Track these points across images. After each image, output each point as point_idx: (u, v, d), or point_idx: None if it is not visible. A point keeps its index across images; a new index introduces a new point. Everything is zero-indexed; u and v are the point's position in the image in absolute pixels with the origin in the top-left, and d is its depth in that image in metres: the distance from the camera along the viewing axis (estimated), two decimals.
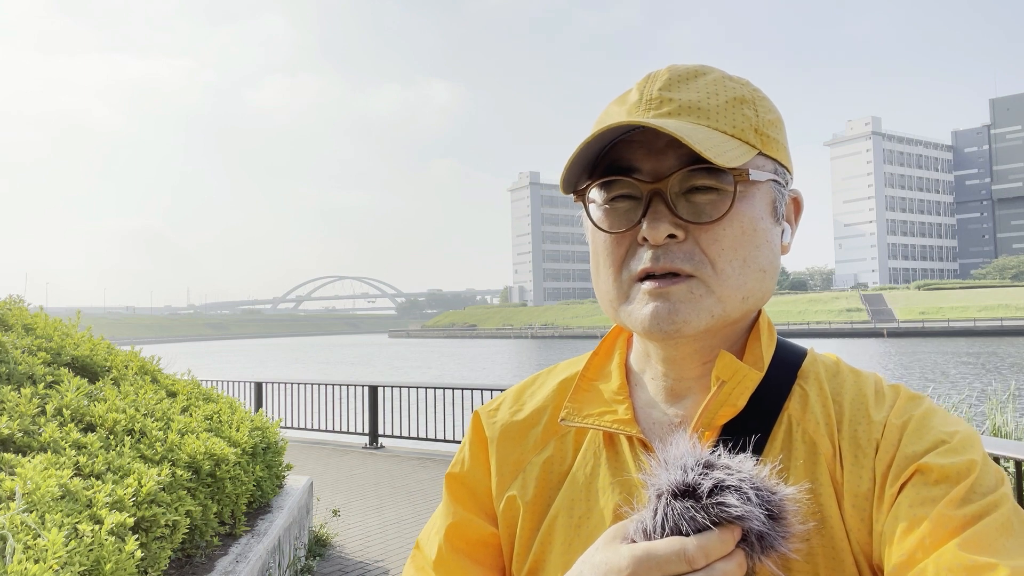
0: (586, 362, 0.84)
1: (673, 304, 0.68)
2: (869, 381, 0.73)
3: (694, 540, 0.56)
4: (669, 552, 0.55)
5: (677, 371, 0.76)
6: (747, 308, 0.72)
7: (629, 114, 0.71)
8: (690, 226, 0.69)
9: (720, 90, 0.71)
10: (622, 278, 0.72)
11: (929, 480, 0.61)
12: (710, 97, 0.70)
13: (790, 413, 0.72)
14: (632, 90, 0.73)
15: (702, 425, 0.71)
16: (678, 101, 0.70)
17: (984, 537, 0.56)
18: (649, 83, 0.72)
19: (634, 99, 0.72)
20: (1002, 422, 6.63)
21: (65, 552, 2.11)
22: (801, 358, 0.76)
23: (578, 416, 0.78)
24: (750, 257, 0.70)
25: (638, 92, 0.72)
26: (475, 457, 0.85)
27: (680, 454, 0.60)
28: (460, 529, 0.81)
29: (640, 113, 0.70)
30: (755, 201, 0.71)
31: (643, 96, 0.71)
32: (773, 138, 0.73)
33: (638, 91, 0.72)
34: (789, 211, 0.78)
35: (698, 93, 0.70)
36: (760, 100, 0.73)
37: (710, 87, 0.71)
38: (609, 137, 0.69)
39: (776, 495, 0.59)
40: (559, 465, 0.79)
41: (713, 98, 0.70)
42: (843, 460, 0.67)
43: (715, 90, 0.71)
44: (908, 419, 0.67)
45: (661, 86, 0.71)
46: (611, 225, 0.72)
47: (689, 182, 0.69)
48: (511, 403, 0.86)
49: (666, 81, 0.71)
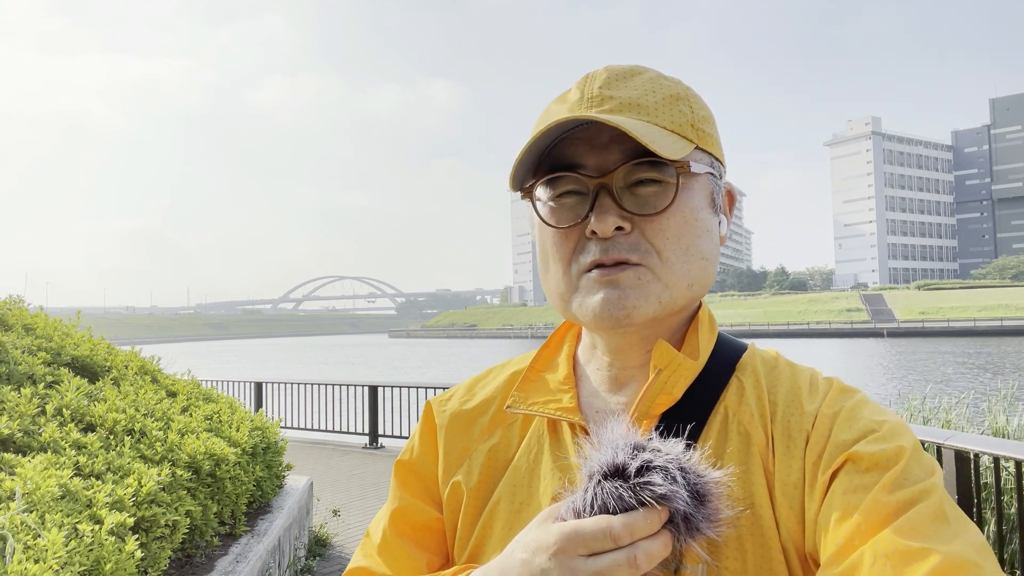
0: (536, 354, 0.87)
1: (623, 291, 0.70)
2: (805, 374, 0.75)
3: (620, 518, 0.57)
4: (595, 530, 0.57)
5: (622, 360, 0.78)
6: (692, 295, 0.75)
7: (571, 112, 0.72)
8: (636, 218, 0.71)
9: (657, 88, 0.74)
10: (571, 272, 0.74)
11: (860, 468, 0.63)
12: (648, 95, 0.73)
13: (726, 404, 0.74)
14: (572, 89, 0.75)
15: (640, 413, 0.73)
16: (618, 98, 0.72)
17: (918, 523, 0.58)
18: (589, 82, 0.74)
19: (575, 98, 0.74)
20: (1002, 422, 6.62)
21: (65, 552, 2.11)
22: (741, 352, 0.79)
23: (523, 404, 0.80)
24: (693, 246, 0.73)
25: (578, 91, 0.74)
26: (424, 445, 0.87)
27: (613, 437, 0.62)
28: (405, 515, 0.84)
29: (582, 111, 0.72)
30: (695, 193, 0.74)
31: (584, 95, 0.73)
32: (708, 133, 0.76)
33: (578, 90, 0.74)
34: (724, 203, 0.80)
35: (636, 91, 0.73)
36: (694, 98, 0.76)
37: (647, 85, 0.74)
38: (553, 135, 0.71)
39: (703, 478, 0.60)
40: (504, 452, 0.81)
41: (651, 95, 0.73)
42: (775, 450, 0.69)
43: (652, 88, 0.73)
44: (839, 410, 0.69)
45: (601, 84, 0.73)
46: (559, 220, 0.74)
47: (633, 176, 0.71)
48: (463, 393, 0.89)
49: (605, 80, 0.73)
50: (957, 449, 4.03)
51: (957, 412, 7.04)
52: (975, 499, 4.01)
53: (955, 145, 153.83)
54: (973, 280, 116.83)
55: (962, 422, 6.90)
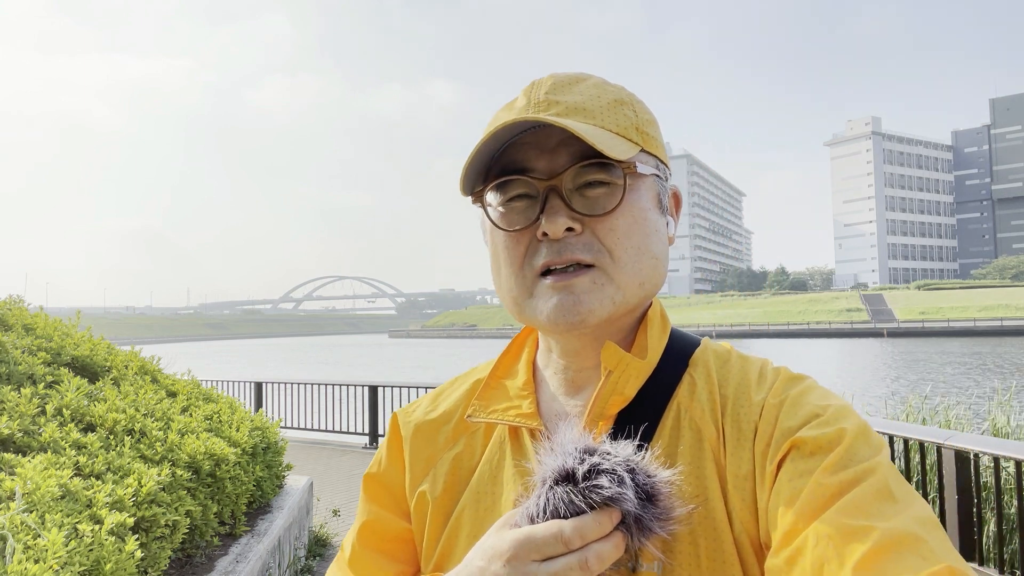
0: (496, 361, 0.88)
1: (577, 295, 0.72)
2: (755, 366, 0.76)
3: (571, 522, 0.59)
4: (547, 535, 0.59)
5: (577, 362, 0.79)
6: (644, 294, 0.76)
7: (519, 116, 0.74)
8: (586, 219, 0.72)
9: (601, 93, 0.76)
10: (524, 274, 0.75)
11: (804, 452, 0.64)
12: (593, 99, 0.75)
13: (679, 401, 0.75)
14: (519, 96, 0.77)
15: (595, 415, 0.74)
16: (564, 103, 0.74)
17: (861, 502, 0.58)
18: (535, 89, 0.76)
19: (522, 104, 0.75)
20: (1003, 422, 6.62)
21: (65, 552, 2.11)
22: (694, 348, 0.80)
23: (483, 412, 0.81)
24: (643, 245, 0.74)
25: (525, 97, 0.76)
26: (391, 456, 0.88)
27: (565, 441, 0.63)
28: (375, 527, 0.85)
29: (530, 115, 0.73)
30: (642, 193, 0.75)
31: (531, 100, 0.75)
32: (652, 136, 0.77)
33: (525, 96, 0.76)
34: (671, 205, 0.82)
35: (581, 96, 0.75)
36: (637, 102, 0.78)
37: (592, 90, 0.75)
38: (501, 139, 0.73)
39: (653, 478, 0.61)
40: (468, 460, 0.82)
41: (596, 100, 0.75)
42: (726, 444, 0.70)
43: (597, 93, 0.75)
44: (784, 398, 0.70)
45: (547, 90, 0.75)
46: (510, 224, 0.75)
47: (582, 178, 0.72)
48: (427, 404, 0.90)
49: (551, 86, 0.75)
50: (957, 449, 4.03)
51: (957, 412, 7.04)
52: (975, 499, 4.01)
53: (955, 145, 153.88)
54: (973, 280, 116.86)
55: (962, 422, 6.90)
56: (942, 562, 0.53)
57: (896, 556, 0.54)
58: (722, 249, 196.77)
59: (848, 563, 0.54)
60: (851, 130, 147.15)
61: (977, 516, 4.02)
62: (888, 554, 0.54)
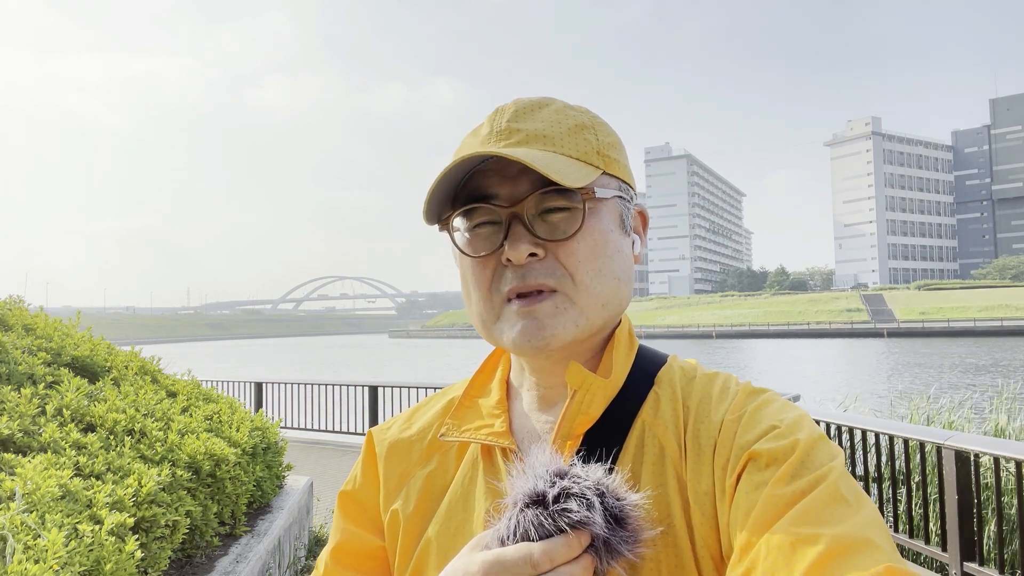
0: (470, 380, 0.89)
1: (540, 320, 0.73)
2: (718, 381, 0.77)
3: (540, 545, 0.59)
4: (516, 557, 0.59)
5: (548, 379, 0.80)
6: (607, 315, 0.77)
7: (482, 145, 0.76)
8: (548, 244, 0.74)
9: (563, 119, 0.77)
10: (492, 299, 0.76)
11: (760, 465, 0.65)
12: (553, 126, 0.76)
13: (644, 419, 0.76)
14: (483, 123, 0.79)
15: (563, 434, 0.75)
16: (525, 131, 0.76)
17: (812, 509, 0.59)
18: (498, 116, 0.78)
19: (485, 132, 0.77)
20: (1004, 422, 6.63)
21: (65, 552, 2.11)
22: (660, 365, 0.81)
23: (456, 431, 0.82)
24: (604, 267, 0.75)
25: (488, 125, 0.78)
26: (366, 474, 0.89)
27: (537, 464, 0.64)
28: (349, 545, 0.85)
29: (492, 144, 0.75)
30: (603, 216, 0.76)
31: (493, 128, 0.77)
32: (614, 159, 0.79)
33: (488, 124, 0.78)
34: (637, 224, 0.84)
35: (543, 123, 0.76)
36: (599, 125, 0.80)
37: (553, 116, 0.77)
38: (466, 167, 0.75)
39: (621, 501, 0.62)
40: (441, 478, 0.83)
41: (556, 126, 0.76)
42: (688, 460, 0.71)
43: (558, 119, 0.77)
44: (742, 413, 0.71)
45: (509, 118, 0.77)
46: (475, 250, 0.77)
47: (543, 204, 0.74)
48: (402, 422, 0.91)
49: (513, 113, 0.77)
50: (957, 449, 4.02)
51: (959, 413, 7.05)
52: (975, 499, 4.01)
53: (955, 145, 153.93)
54: (973, 280, 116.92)
55: (963, 422, 6.91)
56: (883, 563, 0.54)
57: (842, 560, 0.55)
58: (722, 249, 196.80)
59: (796, 571, 0.55)
60: (851, 130, 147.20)
61: (977, 516, 4.01)
62: (835, 559, 0.55)
